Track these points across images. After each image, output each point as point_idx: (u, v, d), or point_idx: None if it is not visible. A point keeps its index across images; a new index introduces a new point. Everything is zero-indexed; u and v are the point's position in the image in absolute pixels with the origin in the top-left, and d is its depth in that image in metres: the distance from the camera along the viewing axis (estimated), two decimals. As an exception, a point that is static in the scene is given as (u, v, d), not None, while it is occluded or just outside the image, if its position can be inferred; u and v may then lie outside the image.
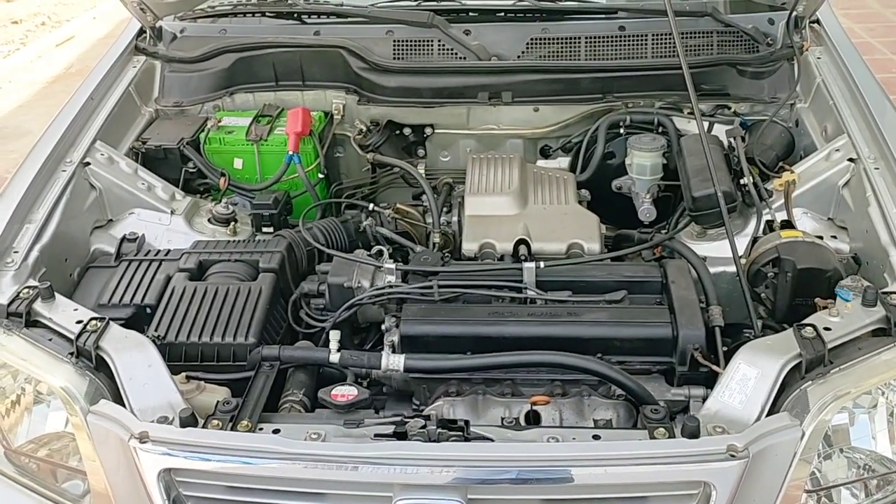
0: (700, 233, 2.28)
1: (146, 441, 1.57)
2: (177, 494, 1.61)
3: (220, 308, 2.00)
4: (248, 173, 2.60)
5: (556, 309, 1.96)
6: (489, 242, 2.19)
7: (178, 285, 2.07)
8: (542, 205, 2.31)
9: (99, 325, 1.79)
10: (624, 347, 1.88)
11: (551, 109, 2.63)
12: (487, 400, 1.85)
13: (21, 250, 2.01)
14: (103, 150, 2.39)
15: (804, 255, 1.97)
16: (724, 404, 1.64)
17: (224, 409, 1.68)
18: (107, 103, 2.53)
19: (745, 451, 1.51)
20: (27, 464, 1.83)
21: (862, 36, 6.16)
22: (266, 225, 2.41)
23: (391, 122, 2.69)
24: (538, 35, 2.63)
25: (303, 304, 2.15)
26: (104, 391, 1.71)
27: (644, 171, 2.39)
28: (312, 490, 1.58)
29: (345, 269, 2.10)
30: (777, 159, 2.43)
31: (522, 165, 2.43)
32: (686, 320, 1.87)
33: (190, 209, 2.41)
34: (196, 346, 1.93)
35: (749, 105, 2.60)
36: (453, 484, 1.52)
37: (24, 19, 8.71)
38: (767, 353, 1.69)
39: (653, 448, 1.54)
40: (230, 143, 2.58)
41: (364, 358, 1.84)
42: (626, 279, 2.04)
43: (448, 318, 1.93)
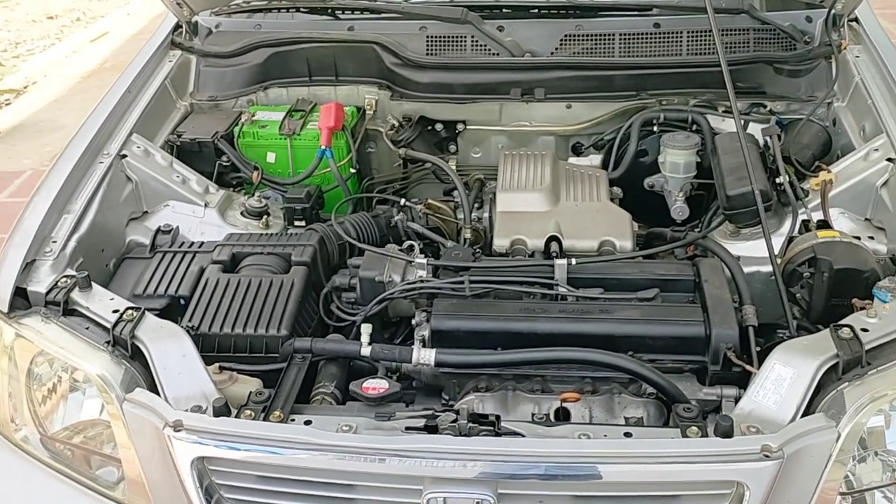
0: (734, 232, 2.26)
1: (180, 429, 1.59)
2: (209, 483, 1.63)
3: (252, 300, 2.01)
4: (280, 167, 2.62)
5: (588, 306, 1.95)
6: (520, 239, 2.18)
7: (211, 277, 2.09)
8: (574, 202, 2.30)
9: (135, 315, 1.81)
10: (656, 345, 1.87)
11: (584, 106, 2.61)
12: (517, 396, 1.84)
13: (59, 240, 2.04)
14: (140, 142, 2.42)
15: (841, 256, 1.94)
16: (758, 404, 1.62)
17: (257, 399, 1.70)
18: (143, 97, 2.55)
19: (780, 451, 1.50)
20: (62, 450, 1.86)
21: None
22: (298, 219, 2.41)
23: (423, 117, 2.69)
24: (572, 32, 2.62)
25: (334, 297, 2.16)
26: (139, 380, 1.73)
27: (677, 169, 2.37)
28: (343, 481, 1.59)
29: (376, 263, 2.11)
30: (813, 158, 2.39)
31: (554, 162, 2.42)
32: (719, 319, 1.86)
33: (223, 202, 2.43)
34: (229, 338, 1.94)
35: (785, 104, 2.56)
36: (483, 478, 1.52)
37: (59, 15, 8.85)
38: (803, 353, 1.67)
39: (685, 447, 1.53)
40: (263, 138, 2.59)
41: (395, 351, 1.85)
42: (659, 277, 2.02)
43: (479, 314, 1.93)
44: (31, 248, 1.97)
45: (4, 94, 6.66)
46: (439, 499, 1.53)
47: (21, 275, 1.92)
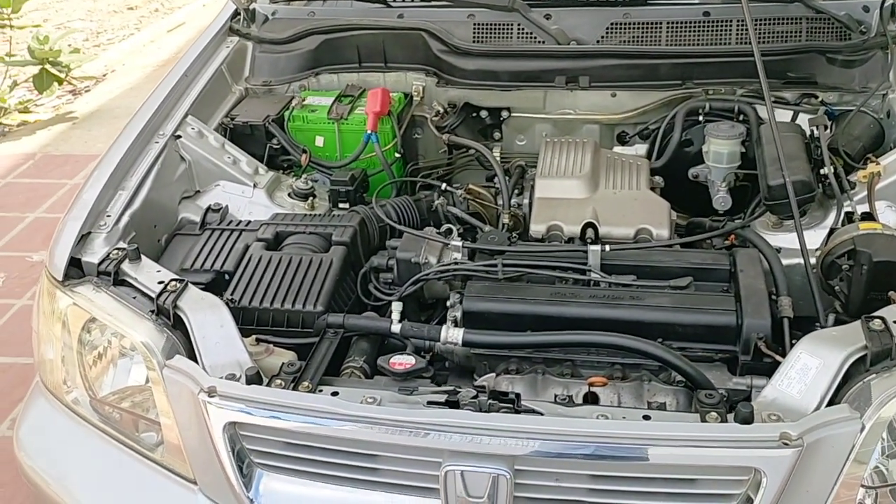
0: (776, 223, 2.23)
1: (214, 395, 1.67)
2: (240, 448, 1.70)
3: (292, 277, 2.08)
4: (328, 151, 2.68)
5: (619, 292, 1.95)
6: (557, 224, 2.19)
7: (254, 254, 2.16)
8: (613, 189, 2.29)
9: (178, 286, 1.90)
10: (686, 333, 1.86)
11: (629, 95, 2.60)
12: (546, 379, 1.86)
13: (114, 215, 2.14)
14: (194, 124, 2.50)
15: (882, 248, 1.89)
16: (781, 393, 1.61)
17: (288, 370, 1.76)
18: (200, 81, 2.64)
19: (800, 440, 1.48)
20: (110, 413, 1.97)
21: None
22: (342, 201, 2.47)
23: (468, 104, 2.72)
24: (619, 20, 2.61)
25: (372, 277, 2.20)
26: (179, 347, 1.82)
27: (720, 159, 2.34)
28: (365, 451, 1.64)
29: (413, 245, 2.15)
30: (864, 151, 2.34)
31: (596, 150, 2.42)
32: (752, 309, 1.84)
33: (272, 183, 2.50)
34: (268, 312, 2.01)
35: (838, 94, 2.51)
36: (500, 453, 1.55)
37: (139, 6, 9.17)
38: (831, 343, 1.65)
39: (702, 431, 1.53)
40: (312, 122, 2.65)
41: (424, 330, 1.89)
42: (693, 266, 2.01)
43: (510, 297, 1.95)
44: (87, 221, 2.08)
45: (84, 81, 6.94)
46: (457, 472, 1.57)
47: (76, 246, 2.03)
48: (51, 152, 5.70)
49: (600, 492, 1.59)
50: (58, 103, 6.58)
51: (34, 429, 2.07)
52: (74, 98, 6.73)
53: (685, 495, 1.58)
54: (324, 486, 1.69)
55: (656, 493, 1.58)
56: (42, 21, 8.12)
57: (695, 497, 1.58)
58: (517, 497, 1.58)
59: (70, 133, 6.03)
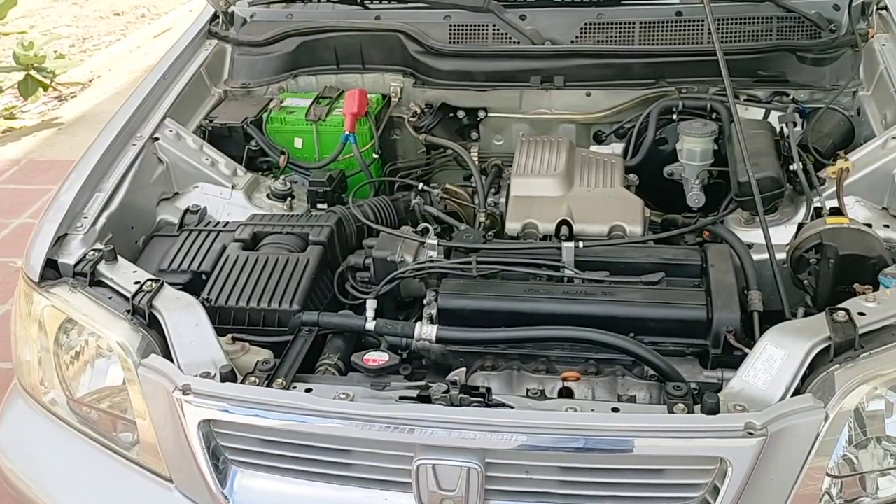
0: (748, 219, 2.25)
1: (188, 393, 1.68)
2: (215, 445, 1.72)
3: (268, 276, 2.09)
4: (307, 152, 2.69)
5: (592, 288, 1.97)
6: (532, 222, 2.21)
7: (231, 254, 2.18)
8: (588, 187, 2.32)
9: (154, 286, 1.91)
10: (657, 328, 1.89)
11: (604, 94, 2.62)
12: (522, 375, 1.87)
13: (90, 216, 2.15)
14: (172, 126, 2.51)
15: (847, 242, 1.92)
16: (747, 384, 1.63)
17: (263, 368, 1.78)
18: (178, 83, 2.65)
19: (764, 429, 1.51)
20: (88, 413, 1.98)
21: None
22: (320, 201, 2.48)
23: (445, 104, 2.74)
24: (593, 20, 2.64)
25: (349, 276, 2.22)
26: (155, 347, 1.83)
27: (694, 157, 2.36)
28: (339, 447, 1.66)
29: (390, 244, 2.17)
30: (834, 147, 2.37)
31: (571, 148, 2.44)
32: (722, 303, 1.87)
33: (250, 185, 2.52)
34: (244, 311, 2.02)
35: (809, 92, 2.54)
36: (471, 446, 1.57)
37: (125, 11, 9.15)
38: (796, 334, 1.67)
39: (669, 422, 1.56)
40: (291, 123, 2.66)
41: (398, 327, 1.91)
42: (665, 262, 2.04)
43: (484, 294, 1.98)
44: (63, 223, 2.10)
45: (70, 87, 6.93)
46: (429, 466, 1.59)
47: (53, 248, 2.04)
48: (36, 158, 5.70)
49: (570, 483, 1.62)
50: (43, 109, 6.57)
51: (12, 430, 2.09)
52: (60, 104, 6.72)
53: (653, 486, 1.60)
54: (298, 482, 1.71)
55: (625, 483, 1.60)
56: (28, 27, 8.10)
57: (663, 487, 1.60)
58: (489, 490, 1.60)
59: (55, 139, 6.03)
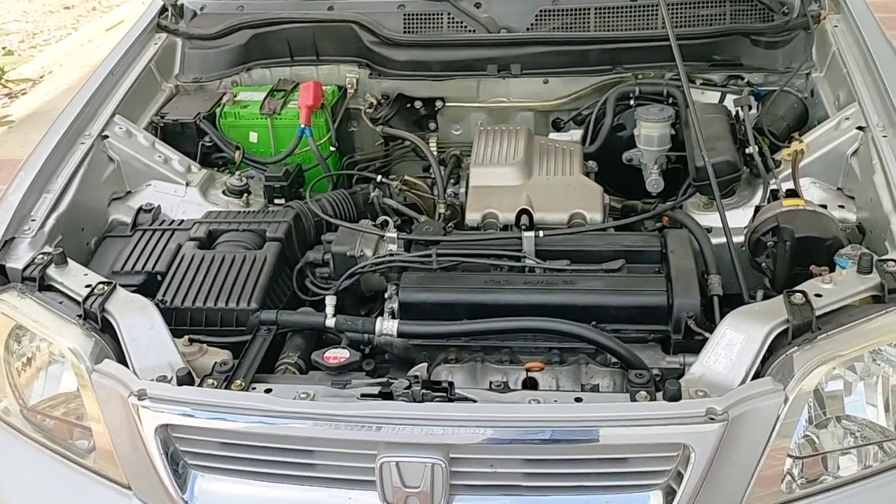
0: (706, 203, 2.26)
1: (144, 398, 1.64)
2: (174, 450, 1.68)
3: (225, 275, 2.05)
4: (262, 147, 2.64)
5: (553, 277, 1.98)
6: (492, 212, 2.21)
7: (187, 253, 2.13)
8: (547, 175, 2.32)
9: (106, 289, 1.86)
10: (619, 315, 1.89)
11: (561, 82, 2.62)
12: (486, 367, 1.87)
13: (38, 219, 2.09)
14: (122, 123, 2.46)
15: (803, 224, 1.94)
16: (708, 369, 1.64)
17: (221, 369, 1.74)
18: (127, 79, 2.59)
19: (725, 414, 1.52)
20: (42, 421, 1.92)
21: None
22: (277, 197, 2.44)
23: (401, 95, 2.71)
24: (548, 7, 2.63)
25: (308, 272, 2.19)
26: (109, 352, 1.78)
27: (651, 142, 2.37)
28: (301, 447, 1.63)
29: (349, 238, 2.14)
30: (789, 130, 2.39)
31: (529, 137, 2.43)
32: (682, 289, 1.88)
33: (205, 181, 2.47)
34: (201, 311, 1.98)
35: (763, 75, 2.55)
36: (435, 442, 1.56)
37: (75, 5, 8.93)
38: (754, 318, 1.68)
39: (632, 410, 1.55)
40: (245, 118, 2.61)
41: (359, 323, 1.89)
42: (626, 248, 2.04)
43: (445, 286, 1.97)
44: (10, 226, 2.03)
45: (20, 84, 6.76)
46: (392, 463, 1.57)
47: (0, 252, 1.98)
48: (-14, 158, 5.56)
49: (535, 475, 1.61)
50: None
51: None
52: (10, 101, 6.54)
53: (618, 474, 1.60)
54: (260, 485, 1.68)
55: (590, 473, 1.60)
56: (-25, 25, 7.90)
57: (628, 476, 1.60)
58: (453, 485, 1.59)
59: (6, 137, 5.88)
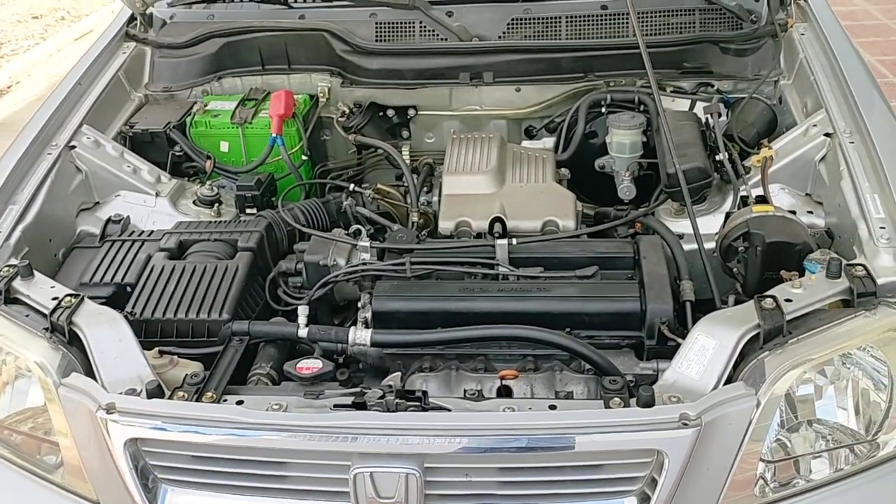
0: (678, 210, 2.28)
1: (113, 412, 1.61)
2: (143, 464, 1.65)
3: (196, 286, 2.03)
4: (234, 156, 2.63)
5: (527, 285, 1.98)
6: (465, 220, 2.20)
7: (157, 264, 2.11)
8: (520, 183, 2.32)
9: (73, 302, 1.83)
10: (593, 322, 1.89)
11: (533, 90, 2.63)
12: (460, 375, 1.86)
13: (4, 231, 2.06)
14: (90, 133, 2.43)
15: (773, 229, 1.96)
16: (681, 375, 1.64)
17: (191, 381, 1.72)
18: (95, 89, 2.56)
19: (698, 419, 1.52)
20: (9, 437, 1.88)
21: (879, 18, 6.03)
22: (249, 206, 2.42)
23: (374, 103, 2.70)
24: (519, 15, 2.63)
25: (280, 282, 2.17)
26: (76, 365, 1.75)
27: (623, 149, 2.38)
28: (274, 459, 1.61)
29: (321, 247, 2.13)
30: (759, 136, 2.41)
31: (502, 145, 2.44)
32: (654, 295, 1.88)
33: (175, 191, 2.44)
34: (171, 323, 1.96)
35: (733, 83, 2.58)
36: (409, 452, 1.54)
37: (44, 14, 8.82)
38: (726, 323, 1.69)
39: (606, 417, 1.55)
40: (216, 127, 2.60)
41: (332, 332, 1.87)
42: (599, 255, 2.05)
43: (419, 294, 1.96)
44: (-25, 238, 2.00)
45: (-13, 95, 6.67)
46: (366, 474, 1.55)
47: (-36, 265, 1.94)
48: (-48, 169, 5.46)
49: (511, 484, 1.61)
50: (-40, 118, 6.31)
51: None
52: (-23, 112, 6.46)
53: (593, 481, 1.60)
54: (233, 498, 1.65)
55: (566, 480, 1.60)
56: (-59, 35, 7.78)
57: (603, 482, 1.60)
58: (428, 494, 1.58)
59: (-27, 148, 5.79)
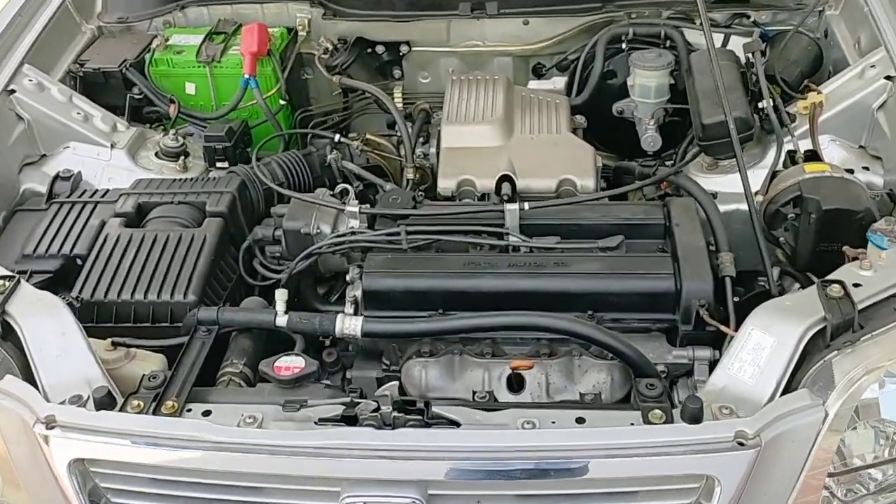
0: (711, 164, 2.04)
1: (54, 426, 1.36)
2: (93, 487, 1.40)
3: (157, 260, 1.79)
4: (202, 99, 2.39)
5: (542, 258, 1.75)
6: (468, 179, 1.97)
7: (111, 233, 1.87)
8: (530, 134, 2.09)
9: (7, 286, 1.56)
10: (619, 303, 1.68)
11: (543, 22, 2.41)
12: (465, 360, 1.66)
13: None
14: (32, 75, 2.18)
15: (831, 194, 1.72)
16: (732, 378, 1.41)
17: (149, 385, 1.46)
18: (38, 21, 2.28)
19: (757, 438, 1.28)
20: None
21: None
22: (220, 159, 2.17)
23: (361, 38, 2.46)
24: (528, -63, 2.34)
25: (257, 251, 1.93)
26: (11, 364, 1.49)
27: (648, 93, 2.15)
28: (247, 484, 1.37)
29: (303, 212, 1.89)
30: (802, 77, 2.17)
31: (509, 88, 2.20)
32: (691, 271, 1.66)
33: (134, 142, 2.19)
34: (128, 305, 1.72)
35: (771, 13, 2.34)
36: (410, 478, 1.31)
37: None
38: (785, 316, 1.44)
39: (646, 436, 1.30)
40: (179, 66, 2.35)
41: (315, 321, 1.62)
42: (624, 222, 1.82)
43: (417, 271, 1.73)
44: None
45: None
46: (359, 503, 1.31)
47: None
48: None
49: (530, 511, 1.37)
50: None
51: None
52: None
53: (626, 510, 1.36)
54: (200, 524, 1.41)
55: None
56: None
57: (638, 510, 1.36)
58: (431, 527, 1.34)
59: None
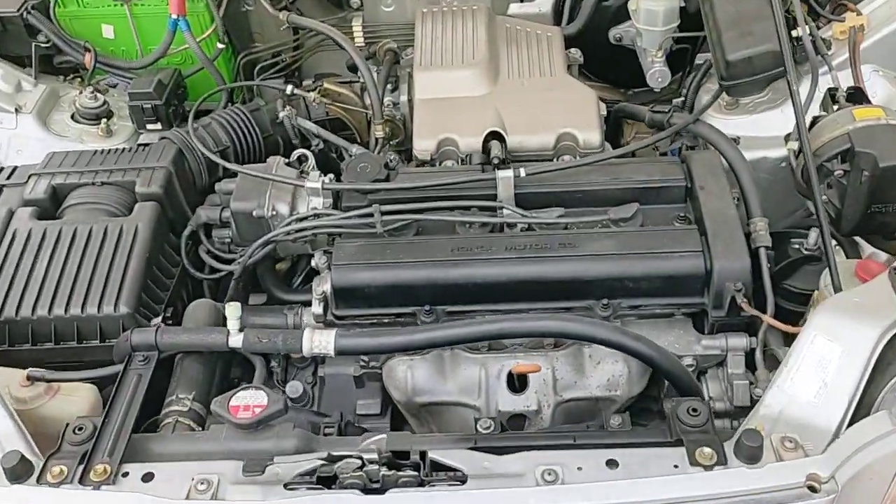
0: (731, 104, 1.79)
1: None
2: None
3: (79, 262, 1.54)
4: (123, 44, 2.10)
5: (544, 237, 1.52)
6: (449, 138, 1.71)
7: (20, 228, 1.60)
8: (520, 78, 1.85)
9: None
10: (639, 288, 1.47)
11: (526, -66, 2.07)
12: (457, 356, 1.47)
13: None
14: (-89, 26, 1.83)
15: (888, 148, 1.45)
16: (791, 398, 1.18)
17: (74, 439, 1.18)
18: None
19: (832, 481, 1.07)
20: None
21: None
22: (151, 120, 1.88)
23: (310, -39, 2.13)
24: None
25: (202, 237, 1.67)
26: None
27: (654, 20, 1.88)
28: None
29: (254, 189, 1.62)
30: (832, -7, 1.89)
31: (491, 20, 1.94)
32: (724, 247, 1.45)
33: (45, 103, 1.95)
34: (47, 323, 1.47)
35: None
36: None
37: None
38: (854, 318, 1.21)
39: (698, 487, 1.07)
40: (92, 5, 2.06)
41: (278, 339, 1.36)
42: (639, 185, 1.57)
43: (396, 261, 1.47)
44: None
45: None
46: (343, 586, 1.08)
47: None
48: None
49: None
50: None
51: None
52: None
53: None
54: None
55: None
56: None
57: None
58: None
59: None
